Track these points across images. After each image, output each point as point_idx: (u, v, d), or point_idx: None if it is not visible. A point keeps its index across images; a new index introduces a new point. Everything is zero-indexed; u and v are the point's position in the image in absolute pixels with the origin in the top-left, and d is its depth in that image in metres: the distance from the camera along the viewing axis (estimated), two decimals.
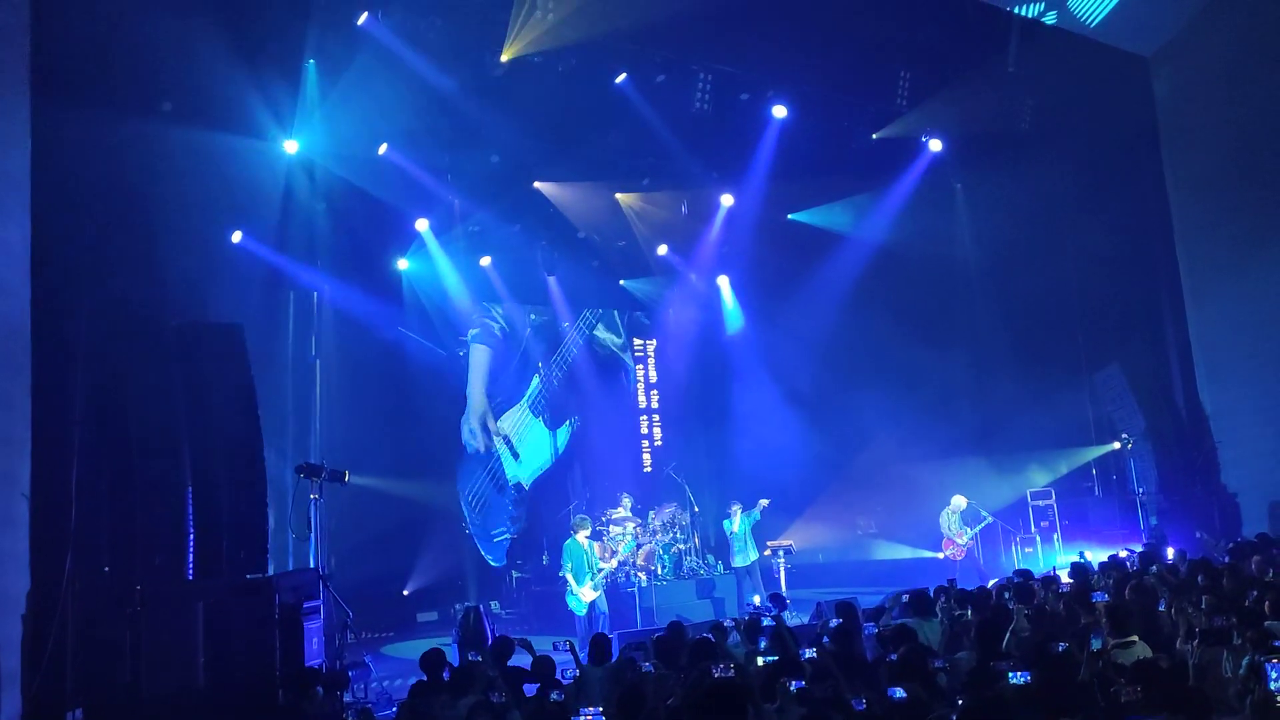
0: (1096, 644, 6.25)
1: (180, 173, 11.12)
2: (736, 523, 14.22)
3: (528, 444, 17.95)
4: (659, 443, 19.12)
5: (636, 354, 19.41)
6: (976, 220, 17.45)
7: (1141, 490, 16.74)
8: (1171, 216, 17.18)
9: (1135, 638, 6.59)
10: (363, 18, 11.46)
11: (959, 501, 15.09)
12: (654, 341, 19.53)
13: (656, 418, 19.34)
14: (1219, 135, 16.11)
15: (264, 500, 9.72)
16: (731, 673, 5.49)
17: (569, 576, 12.27)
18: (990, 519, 15.36)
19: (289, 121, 12.35)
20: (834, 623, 8.25)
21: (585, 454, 18.22)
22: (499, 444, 17.61)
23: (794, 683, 5.56)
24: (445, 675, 7.07)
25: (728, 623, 8.58)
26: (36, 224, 8.51)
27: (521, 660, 7.53)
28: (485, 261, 16.79)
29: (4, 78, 8.23)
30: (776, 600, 9.53)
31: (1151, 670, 5.39)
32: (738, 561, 14.18)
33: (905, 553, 17.29)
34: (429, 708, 6.46)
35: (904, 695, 5.44)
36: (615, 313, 19.31)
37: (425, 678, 7.05)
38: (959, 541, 14.95)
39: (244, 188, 12.57)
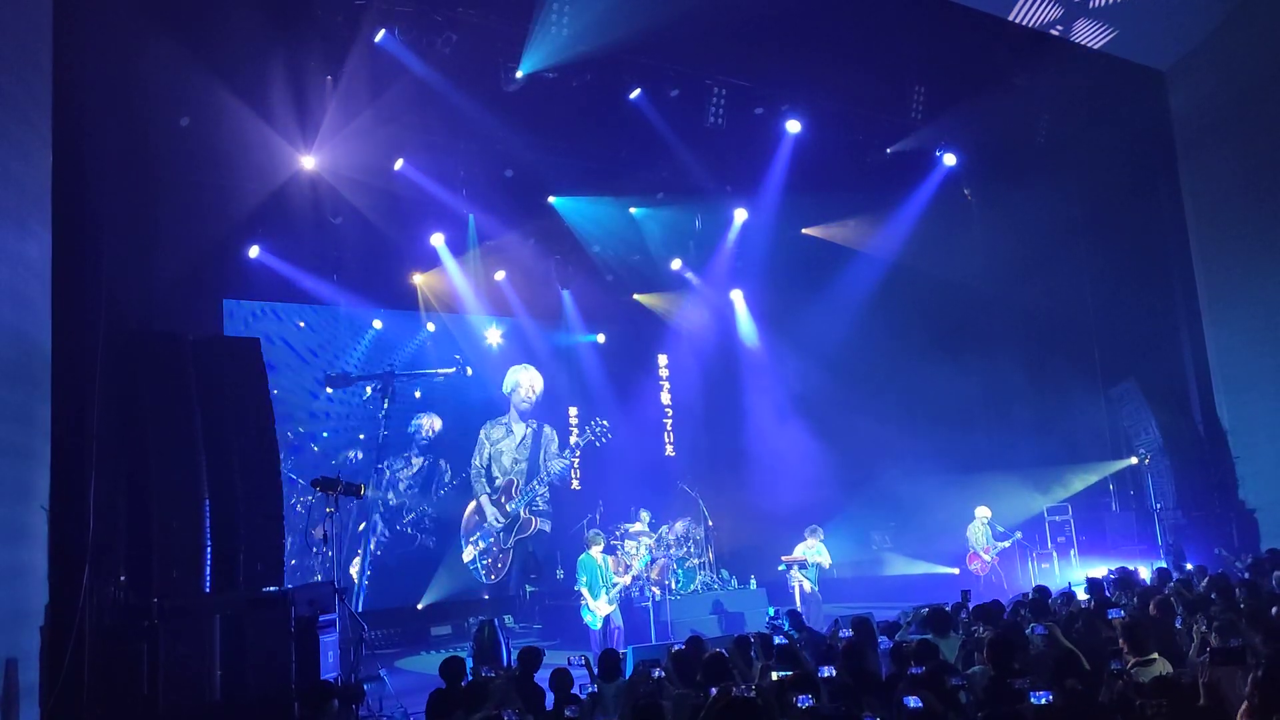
0: (1114, 666, 6.20)
1: (199, 189, 11.21)
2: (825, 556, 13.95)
3: None
4: (671, 455, 19.06)
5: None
6: (991, 234, 17.36)
7: (1159, 506, 16.60)
8: (1188, 230, 17.10)
9: (1155, 655, 6.53)
10: (380, 35, 11.55)
11: (983, 512, 15.01)
12: (665, 356, 19.49)
13: (670, 435, 19.29)
14: (1236, 149, 16.04)
15: (281, 514, 9.74)
16: (752, 693, 5.45)
17: (584, 591, 12.26)
18: (1019, 536, 15.30)
19: (312, 137, 12.44)
20: (844, 634, 8.18)
21: (599, 469, 18.17)
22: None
23: (802, 698, 5.50)
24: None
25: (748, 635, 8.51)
26: (57, 238, 8.55)
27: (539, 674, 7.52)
28: (499, 276, 16.82)
29: (24, 90, 8.29)
30: (794, 618, 9.41)
31: (1172, 686, 5.34)
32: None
33: (920, 568, 17.17)
34: None
35: (919, 704, 5.39)
36: None
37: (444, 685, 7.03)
38: (984, 556, 14.86)
39: (261, 203, 12.68)
